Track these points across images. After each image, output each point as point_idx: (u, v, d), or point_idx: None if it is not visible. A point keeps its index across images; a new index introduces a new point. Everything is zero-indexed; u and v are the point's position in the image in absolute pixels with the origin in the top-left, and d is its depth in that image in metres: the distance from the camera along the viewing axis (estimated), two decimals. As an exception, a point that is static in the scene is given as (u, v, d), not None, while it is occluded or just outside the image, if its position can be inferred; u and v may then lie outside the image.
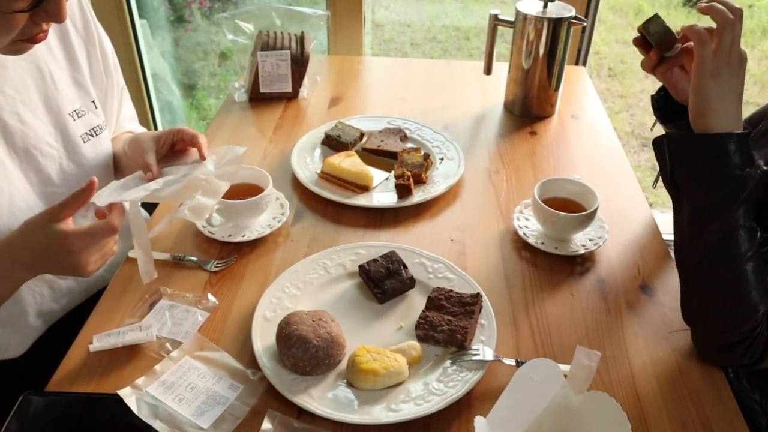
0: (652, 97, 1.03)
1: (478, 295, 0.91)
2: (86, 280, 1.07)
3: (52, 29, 0.97)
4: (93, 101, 1.03)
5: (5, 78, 0.89)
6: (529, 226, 1.09)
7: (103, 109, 1.06)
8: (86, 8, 1.03)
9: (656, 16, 0.91)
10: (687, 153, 0.83)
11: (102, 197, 0.85)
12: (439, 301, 0.91)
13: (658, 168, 0.89)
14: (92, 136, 1.02)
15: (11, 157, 0.91)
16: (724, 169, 0.80)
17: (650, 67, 0.95)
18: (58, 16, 0.77)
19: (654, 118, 1.07)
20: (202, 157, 0.96)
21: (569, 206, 1.06)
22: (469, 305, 0.89)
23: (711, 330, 0.85)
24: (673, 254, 1.11)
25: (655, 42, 0.91)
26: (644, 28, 0.91)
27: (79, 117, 0.99)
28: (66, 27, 0.99)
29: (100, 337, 0.87)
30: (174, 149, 1.00)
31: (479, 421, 0.68)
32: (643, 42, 0.94)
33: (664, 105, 1.01)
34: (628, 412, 0.80)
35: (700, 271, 0.84)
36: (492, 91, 1.57)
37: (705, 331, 0.87)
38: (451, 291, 0.92)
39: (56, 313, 1.03)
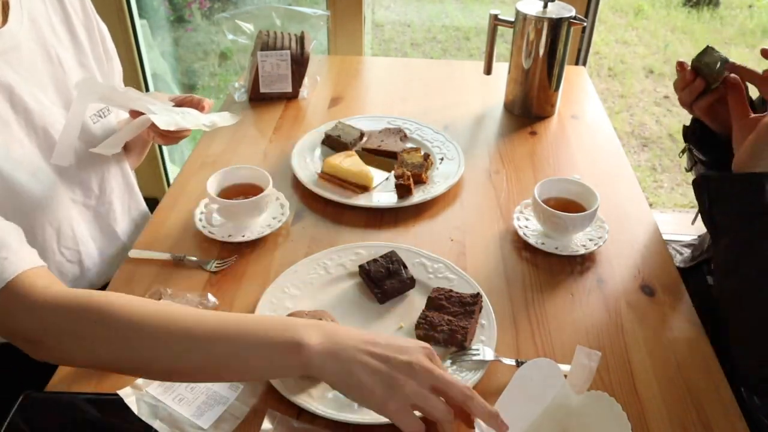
0: (685, 127, 1.04)
1: (478, 295, 0.91)
2: (90, 273, 1.08)
3: (56, 14, 0.99)
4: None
5: (20, 60, 0.91)
6: (529, 226, 1.09)
7: None
8: None
9: (710, 48, 0.92)
10: (725, 191, 0.86)
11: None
12: (439, 301, 0.91)
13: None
14: (101, 117, 1.05)
15: (29, 137, 0.92)
16: (759, 205, 0.82)
17: (690, 101, 0.96)
18: None
19: (683, 145, 1.06)
20: (202, 108, 1.05)
21: (569, 206, 1.06)
22: (469, 305, 0.90)
23: (755, 362, 0.86)
24: (673, 254, 1.12)
25: (708, 73, 0.92)
26: (698, 61, 0.93)
27: (87, 113, 1.01)
28: (68, 11, 1.01)
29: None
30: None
31: (480, 422, 0.68)
32: (692, 79, 0.95)
33: (701, 136, 1.01)
34: (628, 412, 0.80)
35: (740, 304, 0.86)
36: (492, 91, 1.57)
37: (750, 362, 0.87)
38: (451, 291, 0.92)
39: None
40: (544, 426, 0.71)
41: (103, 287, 1.01)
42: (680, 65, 0.96)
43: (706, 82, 0.94)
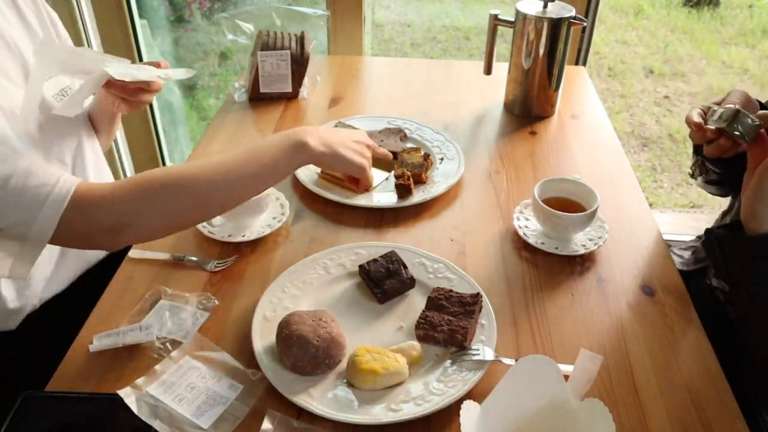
0: (695, 146, 1.02)
1: (478, 295, 0.91)
2: (72, 253, 1.10)
3: (4, 4, 1.01)
4: None
5: None
6: (529, 226, 1.09)
7: None
8: None
9: (741, 113, 0.86)
10: (740, 251, 0.83)
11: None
12: (439, 301, 0.91)
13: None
14: (64, 95, 1.05)
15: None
16: None
17: (717, 155, 0.91)
18: None
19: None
20: (158, 65, 1.04)
21: (569, 206, 1.06)
22: (469, 305, 0.90)
23: None
24: (674, 258, 1.11)
25: (739, 137, 0.86)
26: (730, 127, 0.87)
27: (48, 79, 1.02)
28: (17, 2, 1.03)
29: (100, 337, 0.87)
30: None
31: (467, 405, 0.68)
32: (716, 137, 0.90)
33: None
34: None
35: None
36: (492, 91, 1.57)
37: None
38: (451, 291, 0.92)
39: (55, 280, 1.06)
40: (541, 425, 0.71)
41: (86, 273, 1.02)
42: (698, 127, 0.90)
43: (734, 141, 0.88)
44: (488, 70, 1.50)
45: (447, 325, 0.87)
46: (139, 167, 2.22)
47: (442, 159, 1.28)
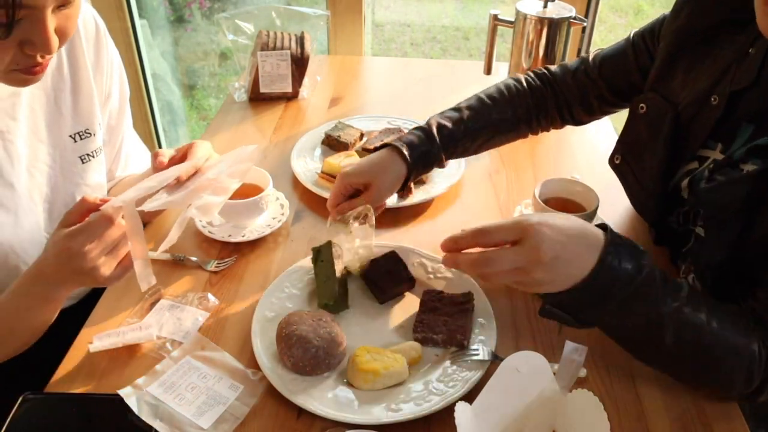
0: None
1: (469, 294, 0.91)
2: None
3: (66, 57, 0.98)
4: (99, 124, 1.03)
5: (16, 105, 0.92)
6: (529, 226, 1.09)
7: (105, 141, 1.08)
8: (103, 36, 1.03)
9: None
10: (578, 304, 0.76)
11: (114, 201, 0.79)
12: (432, 303, 0.91)
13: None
14: (92, 157, 1.03)
15: (18, 177, 0.93)
16: (623, 291, 0.73)
17: None
18: (45, 47, 0.73)
19: None
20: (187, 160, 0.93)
21: (569, 206, 1.06)
22: (462, 304, 0.90)
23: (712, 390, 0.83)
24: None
25: None
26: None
27: (81, 139, 1.01)
28: (77, 53, 0.99)
29: (100, 337, 0.87)
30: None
31: (461, 406, 0.68)
32: None
33: None
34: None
35: (673, 363, 0.80)
36: (492, 91, 1.56)
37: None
38: (441, 292, 0.92)
39: None
40: (532, 420, 0.71)
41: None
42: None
43: None
44: (488, 70, 1.51)
45: (444, 325, 0.87)
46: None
47: (442, 159, 1.28)
